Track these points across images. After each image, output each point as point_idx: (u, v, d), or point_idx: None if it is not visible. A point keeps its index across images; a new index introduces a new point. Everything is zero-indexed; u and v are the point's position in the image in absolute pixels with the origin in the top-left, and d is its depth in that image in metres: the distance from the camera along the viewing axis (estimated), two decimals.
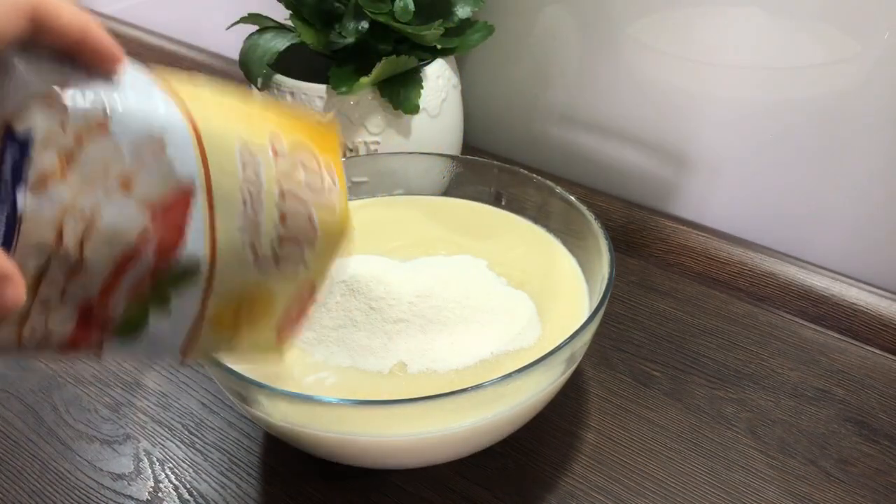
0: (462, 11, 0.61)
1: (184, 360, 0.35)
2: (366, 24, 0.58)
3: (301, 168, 0.34)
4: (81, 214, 0.28)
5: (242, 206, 0.32)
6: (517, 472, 0.47)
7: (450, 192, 0.58)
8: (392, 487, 0.46)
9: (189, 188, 0.30)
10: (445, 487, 0.46)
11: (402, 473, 0.46)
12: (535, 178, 0.54)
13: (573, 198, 0.51)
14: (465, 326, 0.45)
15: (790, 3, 0.55)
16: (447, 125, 0.64)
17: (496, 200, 0.57)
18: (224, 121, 0.31)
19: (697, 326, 0.57)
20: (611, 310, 0.58)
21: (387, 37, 0.59)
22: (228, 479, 0.47)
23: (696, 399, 0.51)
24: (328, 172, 0.35)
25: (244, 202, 0.32)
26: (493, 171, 0.57)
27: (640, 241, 0.64)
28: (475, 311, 0.46)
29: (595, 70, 0.67)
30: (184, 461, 0.48)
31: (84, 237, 0.28)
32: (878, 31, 0.52)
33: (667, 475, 0.46)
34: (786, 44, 0.56)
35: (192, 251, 0.31)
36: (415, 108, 0.59)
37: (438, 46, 0.61)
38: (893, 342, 0.55)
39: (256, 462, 0.48)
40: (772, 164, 0.61)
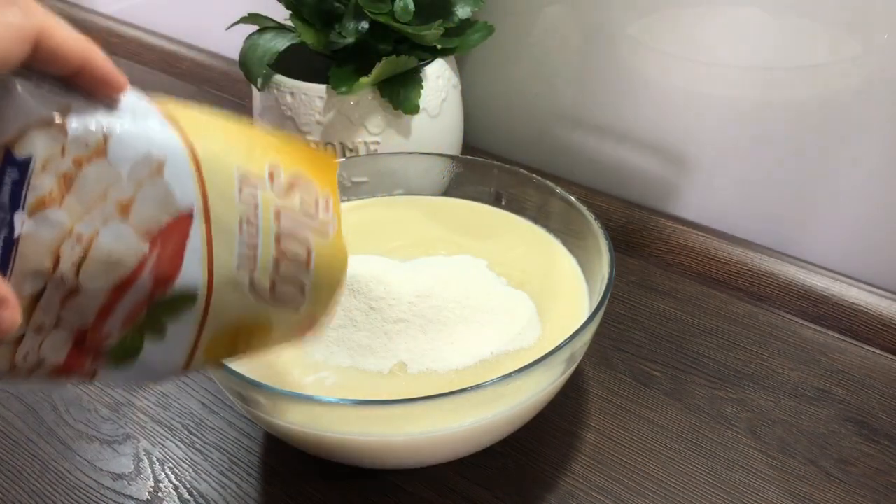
0: (462, 11, 0.61)
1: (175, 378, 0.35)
2: (366, 24, 0.58)
3: (299, 200, 0.33)
4: (79, 239, 0.28)
5: (240, 235, 0.32)
6: (517, 472, 0.47)
7: (450, 192, 0.58)
8: (392, 487, 0.46)
9: (187, 215, 0.30)
10: (445, 487, 0.46)
11: (402, 473, 0.46)
12: (535, 178, 0.54)
13: (573, 198, 0.51)
14: (465, 326, 0.45)
15: (790, 3, 0.55)
16: (447, 125, 0.64)
17: (496, 200, 0.57)
18: (224, 149, 0.31)
19: (697, 326, 0.57)
20: (611, 310, 0.58)
21: (387, 37, 0.59)
22: (228, 479, 0.47)
23: (697, 399, 0.51)
24: (325, 206, 0.35)
25: (242, 231, 0.32)
26: (493, 171, 0.57)
27: (640, 241, 0.64)
28: (475, 311, 0.46)
29: (595, 70, 0.67)
30: (184, 461, 0.48)
31: (81, 262, 0.28)
32: (878, 31, 0.52)
33: (667, 475, 0.46)
34: (786, 44, 0.56)
35: (189, 278, 0.31)
36: (415, 108, 0.59)
37: (438, 46, 0.61)
38: (893, 342, 0.55)
39: (256, 462, 0.48)
40: (772, 164, 0.61)
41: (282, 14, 0.61)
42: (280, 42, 0.60)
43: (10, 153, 0.26)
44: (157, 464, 0.48)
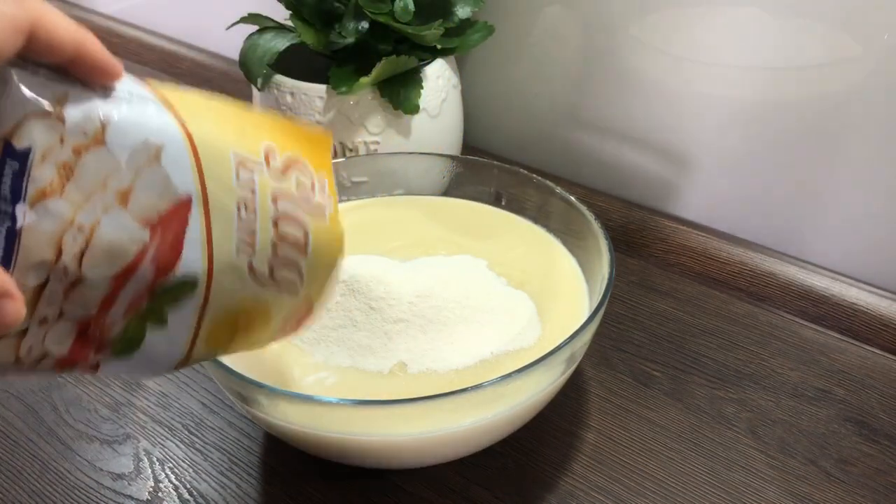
0: (462, 11, 0.61)
1: (176, 371, 0.35)
2: (366, 24, 0.58)
3: (295, 183, 0.34)
4: (80, 229, 0.28)
5: (238, 220, 0.32)
6: (517, 472, 0.47)
7: (450, 192, 0.58)
8: (392, 487, 0.46)
9: (186, 201, 0.30)
10: (445, 487, 0.46)
11: (402, 473, 0.46)
12: (535, 178, 0.54)
13: (573, 198, 0.51)
14: (465, 326, 0.45)
15: (790, 4, 0.55)
16: (447, 125, 0.64)
17: (496, 200, 0.57)
18: (220, 134, 0.31)
19: (697, 326, 0.57)
20: (611, 310, 0.58)
21: (387, 37, 0.59)
22: (228, 479, 0.47)
23: (697, 399, 0.51)
24: (322, 188, 0.35)
25: (240, 216, 0.32)
26: (493, 171, 0.57)
27: (640, 241, 0.64)
28: (475, 311, 0.46)
29: (595, 70, 0.67)
30: (184, 461, 0.48)
31: (83, 252, 0.28)
32: (878, 32, 0.52)
33: (667, 475, 0.46)
34: (786, 44, 0.56)
35: (190, 264, 0.31)
36: (415, 108, 0.59)
37: (438, 46, 0.61)
38: (893, 342, 0.55)
39: (256, 462, 0.48)
40: (772, 164, 0.61)
41: (282, 14, 0.61)
42: (280, 42, 0.60)
43: (10, 145, 0.26)
44: (157, 464, 0.48)
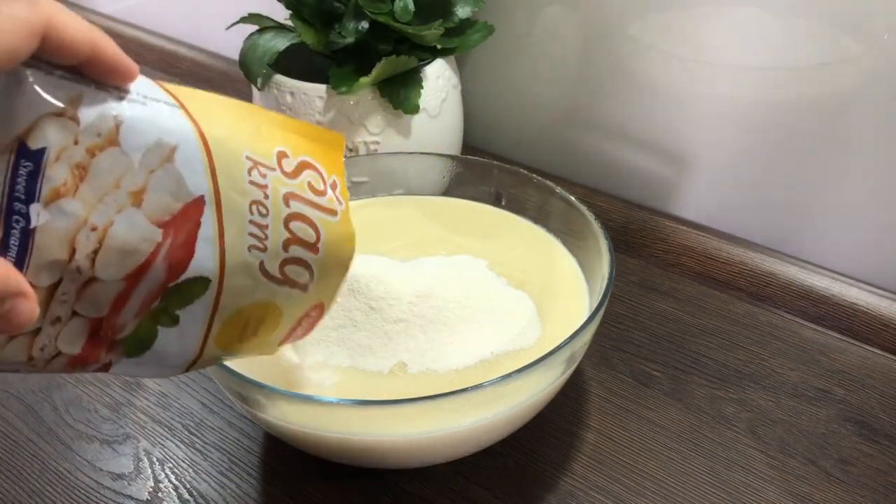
0: (462, 11, 0.61)
1: (187, 372, 0.35)
2: (366, 24, 0.58)
3: (307, 182, 0.34)
4: (93, 229, 0.28)
5: (250, 220, 0.32)
6: (517, 472, 0.46)
7: (450, 192, 0.58)
8: (392, 487, 0.46)
9: (199, 201, 0.30)
10: (445, 487, 0.46)
11: (402, 473, 0.46)
12: (535, 178, 0.54)
13: (573, 198, 0.51)
14: (465, 326, 0.45)
15: (790, 4, 0.55)
16: (447, 125, 0.64)
17: (496, 200, 0.57)
18: (234, 135, 0.32)
19: (697, 326, 0.57)
20: (611, 310, 0.58)
21: (387, 37, 0.59)
22: (228, 479, 0.47)
23: (696, 399, 0.51)
24: (333, 186, 0.35)
25: (252, 216, 0.32)
26: (493, 171, 0.57)
27: (640, 241, 0.64)
28: (475, 311, 0.46)
29: (595, 70, 0.67)
30: (184, 461, 0.48)
31: (96, 252, 0.28)
32: (878, 32, 0.52)
33: (667, 475, 0.46)
34: (786, 44, 0.56)
35: (202, 264, 0.31)
36: (415, 108, 0.59)
37: (438, 46, 0.61)
38: (893, 342, 0.55)
39: (256, 462, 0.48)
40: (772, 165, 0.61)
41: (282, 14, 0.61)
42: (280, 42, 0.60)
43: (25, 145, 0.27)
44: (157, 464, 0.48)
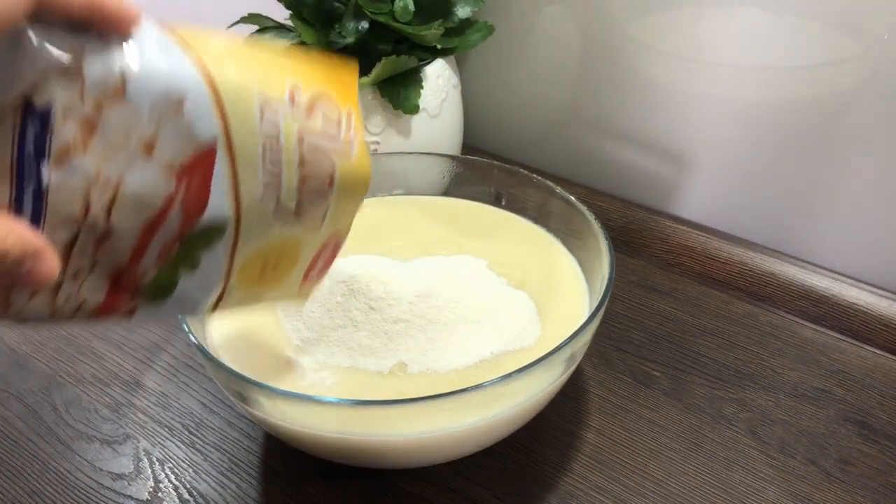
0: (462, 11, 0.61)
1: (211, 314, 0.35)
2: (366, 24, 0.58)
3: (321, 118, 0.33)
4: (106, 183, 0.28)
5: (263, 162, 0.31)
6: (517, 472, 0.46)
7: (450, 192, 0.58)
8: (392, 487, 0.46)
9: (210, 146, 0.30)
10: (445, 487, 0.46)
11: (402, 473, 0.46)
12: (535, 178, 0.54)
13: (573, 198, 0.51)
14: (465, 326, 0.45)
15: (790, 3, 0.55)
16: (447, 125, 0.64)
17: (496, 200, 0.57)
18: (242, 74, 0.31)
19: (697, 326, 0.57)
20: (611, 310, 0.58)
21: (387, 37, 0.59)
22: (228, 479, 0.47)
23: (696, 399, 0.51)
24: (348, 121, 0.34)
25: (265, 156, 0.31)
26: (493, 171, 0.57)
27: (640, 241, 0.64)
28: (475, 311, 0.46)
29: (595, 70, 0.67)
30: (184, 461, 0.48)
31: (111, 205, 0.28)
32: (878, 32, 0.52)
33: (667, 475, 0.46)
34: (786, 44, 0.56)
35: (217, 209, 0.31)
36: (415, 108, 0.59)
37: (438, 46, 0.61)
38: (893, 342, 0.55)
39: (256, 462, 0.48)
40: (772, 164, 0.61)
41: (282, 14, 0.61)
42: (280, 42, 0.60)
43: (31, 104, 0.26)
44: (157, 464, 0.48)
